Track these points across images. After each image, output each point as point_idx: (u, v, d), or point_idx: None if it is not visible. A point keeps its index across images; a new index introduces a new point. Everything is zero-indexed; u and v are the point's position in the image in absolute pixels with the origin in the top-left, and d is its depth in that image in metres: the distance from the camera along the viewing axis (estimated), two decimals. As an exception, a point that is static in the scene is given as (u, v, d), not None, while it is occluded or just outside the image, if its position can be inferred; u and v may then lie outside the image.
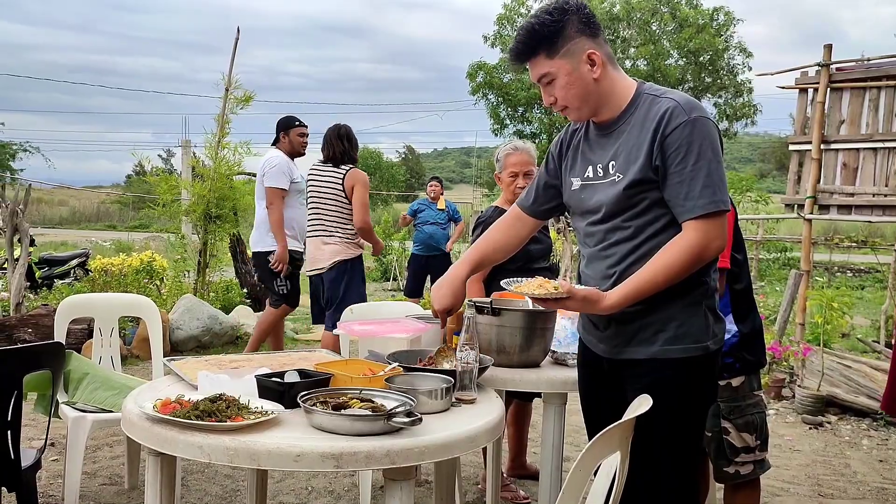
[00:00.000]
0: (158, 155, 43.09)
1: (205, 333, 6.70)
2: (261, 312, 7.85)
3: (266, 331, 5.54)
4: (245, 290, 8.00)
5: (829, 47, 6.46)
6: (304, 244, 5.12)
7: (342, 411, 1.86)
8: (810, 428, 4.93)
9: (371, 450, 1.72)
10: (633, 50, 21.56)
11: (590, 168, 2.09)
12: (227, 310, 7.37)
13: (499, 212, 3.51)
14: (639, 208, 2.00)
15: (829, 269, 14.28)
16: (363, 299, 4.77)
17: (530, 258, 3.41)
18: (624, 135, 2.01)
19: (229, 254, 8.20)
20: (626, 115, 2.02)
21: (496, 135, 22.09)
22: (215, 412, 1.80)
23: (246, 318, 7.24)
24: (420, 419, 1.80)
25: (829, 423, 5.03)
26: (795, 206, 6.54)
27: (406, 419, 1.79)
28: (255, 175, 8.50)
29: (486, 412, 2.04)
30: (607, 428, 1.68)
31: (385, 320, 2.80)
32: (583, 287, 2.02)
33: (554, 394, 2.54)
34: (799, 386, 5.40)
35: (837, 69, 6.53)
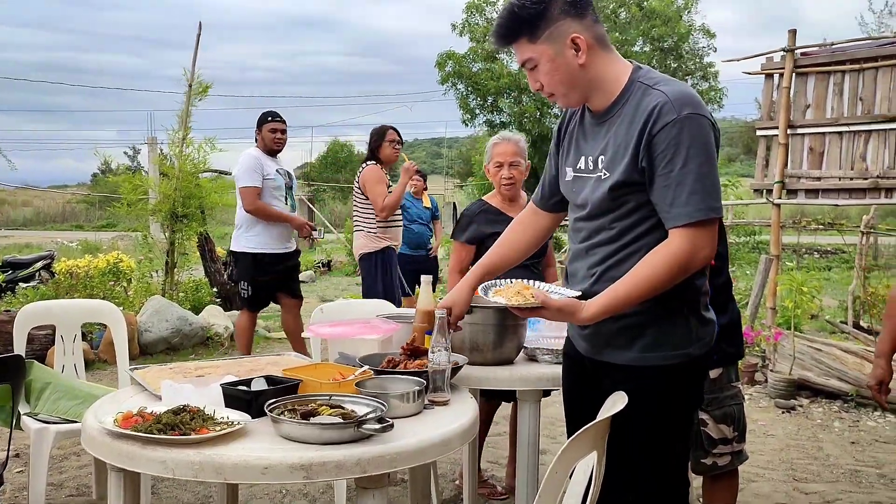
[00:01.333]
0: (124, 153, 42.47)
1: (174, 335, 6.59)
2: (233, 311, 7.76)
3: (245, 333, 5.41)
4: (215, 290, 7.88)
5: (793, 32, 6.49)
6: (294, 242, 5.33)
7: (311, 419, 1.81)
8: (783, 412, 4.97)
9: (341, 459, 1.68)
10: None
11: (582, 159, 1.98)
12: (196, 310, 7.25)
13: (484, 206, 3.45)
14: (624, 209, 1.90)
15: (797, 251, 14.44)
16: (389, 290, 5.01)
17: None
18: (615, 127, 1.88)
19: (198, 252, 8.06)
20: (618, 103, 1.89)
21: (466, 125, 22.06)
22: (178, 425, 1.74)
23: (216, 317, 7.13)
24: (391, 425, 1.75)
25: (801, 406, 5.07)
26: (764, 190, 6.57)
27: (377, 426, 1.74)
28: (222, 172, 8.38)
29: (459, 414, 2.00)
30: (582, 429, 1.65)
31: (355, 321, 2.75)
32: (559, 297, 1.94)
33: (528, 391, 2.51)
34: (771, 370, 5.44)
35: (802, 54, 6.55)
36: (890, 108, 6.08)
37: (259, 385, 2.04)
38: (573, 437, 1.63)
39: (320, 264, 15.92)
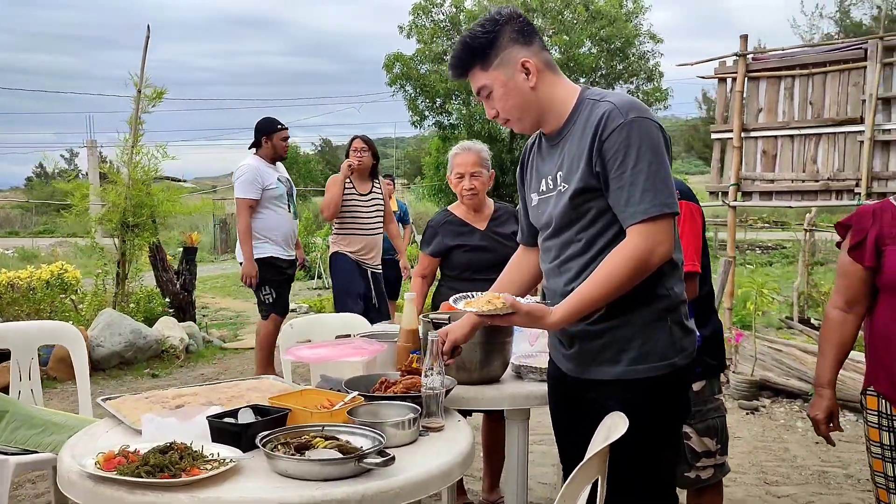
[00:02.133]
0: (61, 155, 41.21)
1: (128, 349, 6.37)
2: (188, 322, 7.55)
3: (266, 346, 5.26)
4: (167, 300, 7.65)
5: (744, 38, 6.60)
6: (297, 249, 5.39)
7: (306, 453, 1.73)
8: (747, 413, 5.04)
9: (344, 497, 1.60)
10: (547, 40, 21.75)
11: (542, 181, 2.04)
12: (150, 322, 7.02)
13: (448, 216, 3.41)
14: (587, 219, 1.92)
15: (740, 248, 14.83)
16: (342, 290, 5.15)
17: (473, 268, 3.32)
18: (568, 143, 1.95)
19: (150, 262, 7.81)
20: (569, 122, 1.95)
21: (415, 126, 21.95)
22: (168, 466, 1.64)
23: (171, 329, 6.92)
24: (393, 458, 1.68)
25: (764, 407, 5.15)
26: (720, 193, 6.68)
27: (378, 460, 1.68)
28: (175, 179, 8.15)
29: (455, 440, 1.95)
30: (587, 458, 1.63)
31: (336, 342, 2.66)
32: (528, 302, 1.95)
33: (517, 409, 2.47)
34: (734, 372, 5.52)
35: (754, 58, 6.68)
36: (838, 112, 6.23)
37: (247, 416, 1.95)
38: (582, 463, 1.60)
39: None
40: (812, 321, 7.64)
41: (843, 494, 3.71)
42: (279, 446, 1.76)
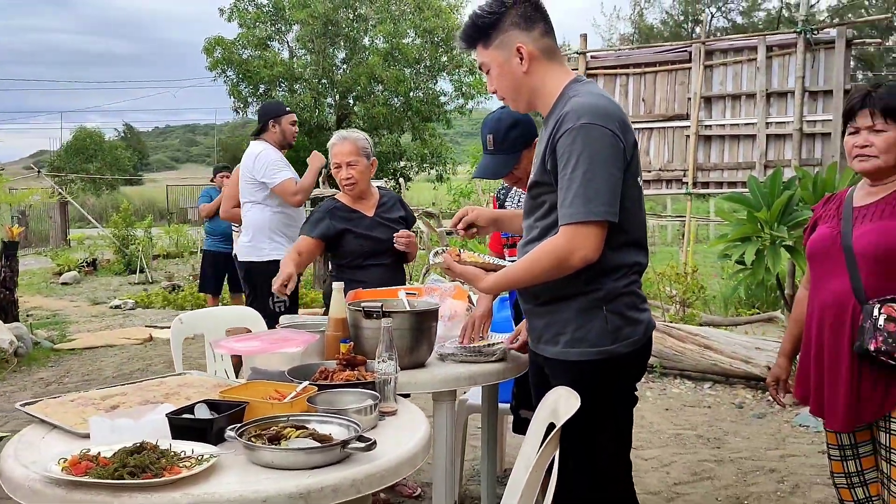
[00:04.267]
0: None
1: (-50, 355, 5.75)
2: (16, 324, 6.92)
3: None
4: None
5: (584, 37, 7.06)
6: None
7: (281, 443, 1.73)
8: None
9: (337, 483, 1.62)
10: (371, 28, 21.81)
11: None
12: (-30, 324, 6.37)
13: (335, 203, 3.41)
14: (542, 210, 2.06)
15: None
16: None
17: (364, 254, 3.35)
18: (543, 133, 2.07)
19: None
20: (551, 112, 2.05)
21: (238, 113, 21.18)
22: (149, 466, 1.57)
23: (-2, 332, 6.32)
24: (375, 443, 1.72)
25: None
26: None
27: (362, 445, 1.71)
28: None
29: (415, 422, 2.00)
30: (557, 428, 1.75)
31: (261, 334, 2.61)
32: (468, 265, 2.17)
33: (444, 392, 2.55)
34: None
35: (592, 57, 7.16)
36: (668, 108, 6.83)
37: (204, 412, 1.89)
38: (551, 434, 1.73)
39: (84, 263, 14.62)
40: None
41: (697, 452, 4.13)
42: (252, 438, 1.74)
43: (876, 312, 2.09)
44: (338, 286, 2.53)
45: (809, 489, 3.58)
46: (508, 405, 3.12)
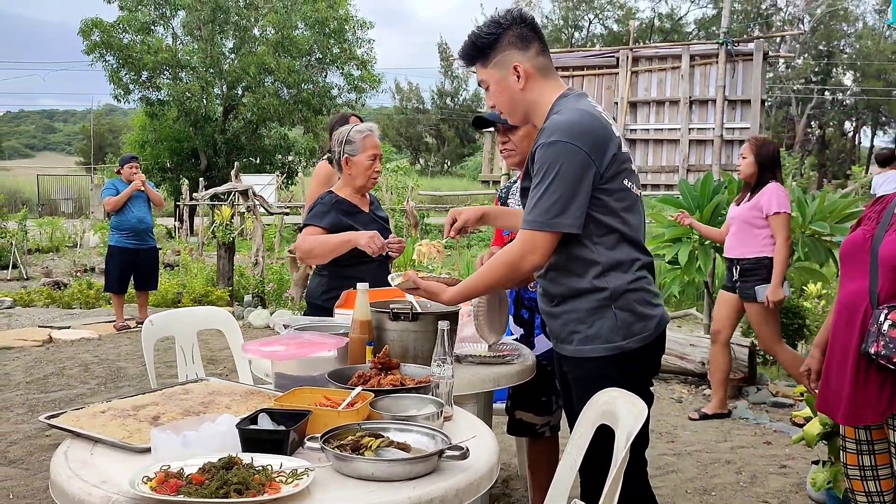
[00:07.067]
0: None
1: None
2: None
3: None
4: None
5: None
6: None
7: (365, 453, 1.65)
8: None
9: (444, 493, 1.56)
10: (260, 19, 21.22)
11: None
12: None
13: (338, 198, 3.24)
14: None
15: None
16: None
17: (362, 252, 3.21)
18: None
19: None
20: (542, 126, 2.15)
21: (119, 100, 19.99)
22: (250, 482, 1.45)
23: None
24: (468, 451, 1.67)
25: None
26: (491, 181, 7.17)
27: (457, 453, 1.65)
28: None
29: (473, 426, 1.97)
30: (631, 438, 1.78)
31: (283, 338, 2.45)
32: (430, 280, 2.28)
33: (468, 394, 2.51)
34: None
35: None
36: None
37: (266, 422, 1.77)
38: (627, 444, 1.76)
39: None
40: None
41: (654, 447, 4.26)
42: (337, 448, 1.65)
43: (882, 317, 2.23)
44: (362, 287, 2.42)
45: (766, 479, 3.77)
46: (504, 406, 3.11)
